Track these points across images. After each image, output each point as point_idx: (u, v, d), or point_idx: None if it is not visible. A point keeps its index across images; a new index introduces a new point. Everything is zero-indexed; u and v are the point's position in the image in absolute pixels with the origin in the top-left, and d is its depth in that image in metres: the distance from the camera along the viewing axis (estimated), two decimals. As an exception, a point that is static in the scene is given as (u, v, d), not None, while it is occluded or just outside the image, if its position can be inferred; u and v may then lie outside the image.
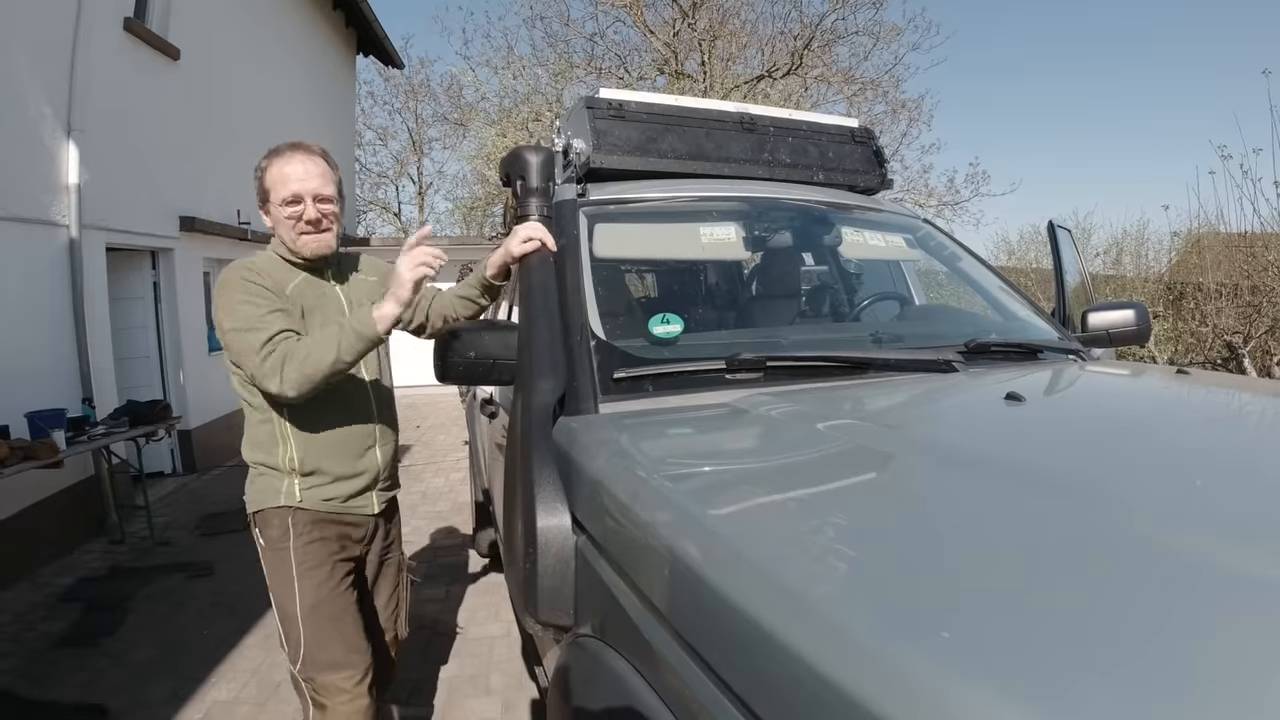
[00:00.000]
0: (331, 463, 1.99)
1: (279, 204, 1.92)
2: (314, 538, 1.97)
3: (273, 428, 1.95)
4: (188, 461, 7.03)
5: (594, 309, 1.83)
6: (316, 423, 1.96)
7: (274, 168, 1.93)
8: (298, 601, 1.93)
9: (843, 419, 1.44)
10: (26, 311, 4.90)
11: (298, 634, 1.93)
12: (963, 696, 0.61)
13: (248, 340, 1.79)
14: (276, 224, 1.96)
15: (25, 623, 3.87)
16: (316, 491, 1.97)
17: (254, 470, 2.00)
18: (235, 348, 1.83)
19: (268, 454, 1.96)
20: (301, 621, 1.92)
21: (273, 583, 1.98)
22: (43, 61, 5.04)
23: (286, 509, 1.95)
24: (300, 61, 10.11)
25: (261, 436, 1.96)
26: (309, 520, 1.97)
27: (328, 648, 1.93)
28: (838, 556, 0.87)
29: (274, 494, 1.95)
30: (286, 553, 1.94)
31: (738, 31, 13.73)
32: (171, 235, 6.76)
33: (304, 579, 1.94)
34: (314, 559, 1.96)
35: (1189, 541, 0.83)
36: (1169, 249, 9.53)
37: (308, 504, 1.96)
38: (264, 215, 1.99)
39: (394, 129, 23.75)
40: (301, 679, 1.95)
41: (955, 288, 2.72)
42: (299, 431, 1.95)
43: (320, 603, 1.94)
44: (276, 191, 1.92)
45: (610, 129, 2.30)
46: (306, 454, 1.96)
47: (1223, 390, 1.88)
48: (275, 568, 1.97)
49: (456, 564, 4.59)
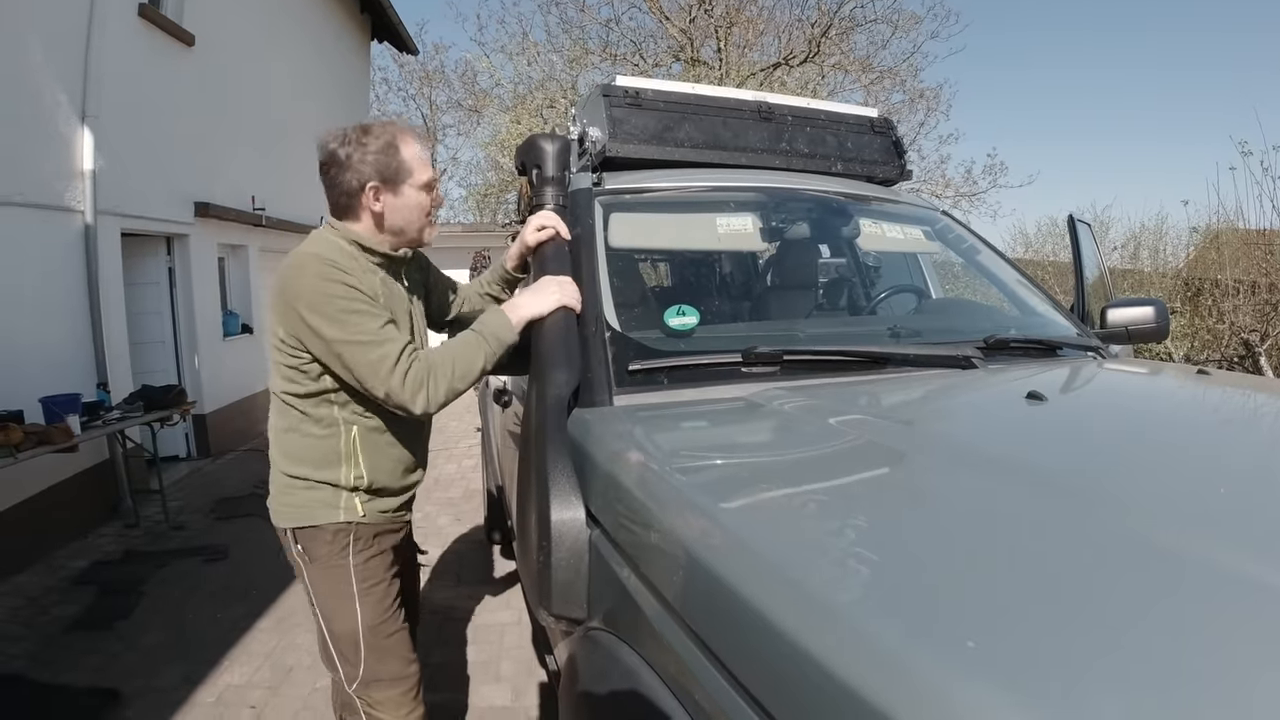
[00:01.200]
0: (394, 480, 1.87)
1: (418, 187, 1.77)
2: (374, 552, 1.84)
3: (336, 444, 1.77)
4: (202, 446, 7.07)
5: (609, 300, 1.82)
6: (387, 443, 1.83)
7: (409, 147, 1.76)
8: (360, 620, 1.79)
9: (859, 415, 1.43)
10: (42, 297, 4.93)
11: (358, 653, 1.80)
12: (969, 697, 0.61)
13: (372, 356, 1.61)
14: (403, 208, 1.77)
15: (39, 606, 3.91)
16: (376, 504, 1.84)
17: (298, 483, 1.79)
18: (354, 362, 1.61)
19: (321, 470, 1.78)
20: (363, 640, 1.80)
21: (325, 600, 1.82)
22: (57, 48, 5.05)
23: (345, 525, 1.79)
24: (315, 48, 10.10)
25: (318, 453, 1.77)
26: (370, 534, 1.83)
27: (389, 663, 1.83)
28: (849, 553, 0.87)
29: (329, 509, 1.78)
30: (345, 570, 1.80)
31: (754, 18, 13.64)
32: (186, 221, 6.78)
33: (365, 596, 1.80)
34: (374, 575, 1.83)
35: (1206, 546, 0.82)
36: (1187, 244, 9.43)
37: (370, 518, 1.83)
38: (373, 197, 1.74)
39: (408, 115, 23.73)
40: (359, 698, 1.83)
41: (972, 281, 2.69)
42: (369, 452, 1.80)
43: (383, 620, 1.83)
44: (419, 173, 1.77)
45: (626, 117, 2.28)
46: (375, 474, 1.81)
47: (1243, 392, 1.86)
48: (330, 584, 1.81)
49: (468, 551, 4.61)
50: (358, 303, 1.64)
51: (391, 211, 1.76)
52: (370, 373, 1.61)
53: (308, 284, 1.63)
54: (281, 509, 1.82)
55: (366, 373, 1.62)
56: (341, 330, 1.61)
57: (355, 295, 1.64)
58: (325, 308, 1.61)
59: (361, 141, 1.72)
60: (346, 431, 1.77)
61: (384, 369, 1.60)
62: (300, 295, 1.63)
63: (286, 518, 1.81)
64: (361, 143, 1.72)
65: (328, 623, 1.82)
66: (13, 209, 4.66)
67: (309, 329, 1.63)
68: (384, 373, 1.61)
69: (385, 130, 1.75)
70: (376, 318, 1.64)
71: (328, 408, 1.75)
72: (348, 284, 1.64)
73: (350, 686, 1.81)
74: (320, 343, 1.63)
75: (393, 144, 1.73)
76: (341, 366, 1.64)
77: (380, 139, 1.73)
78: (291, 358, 1.70)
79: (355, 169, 1.72)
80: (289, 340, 1.68)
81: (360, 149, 1.71)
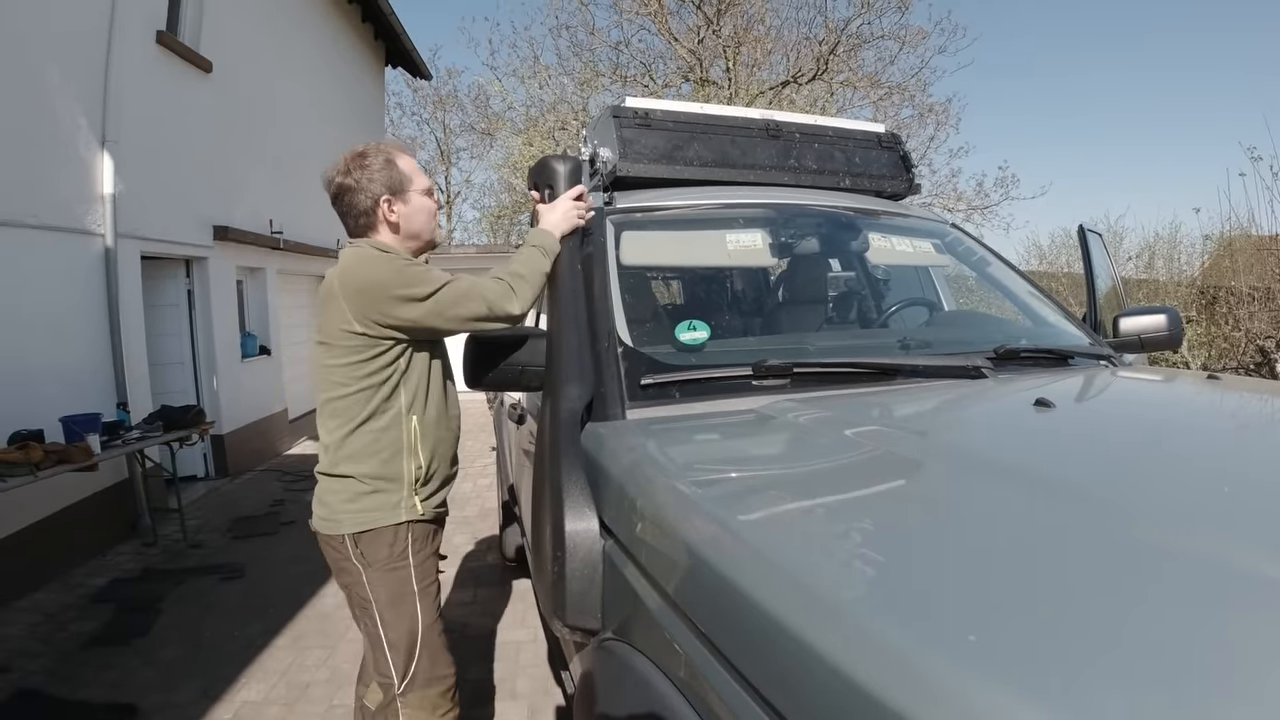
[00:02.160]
0: (443, 469, 1.99)
1: (421, 192, 1.96)
2: (429, 551, 1.93)
3: (399, 435, 1.87)
4: (220, 466, 7.13)
5: (621, 316, 1.84)
6: (439, 426, 1.96)
7: (403, 159, 1.96)
8: (420, 620, 1.87)
9: (871, 425, 1.44)
10: (63, 318, 5.01)
11: (413, 654, 1.87)
12: (984, 699, 0.61)
13: (462, 288, 1.82)
14: (413, 214, 1.95)
15: (57, 623, 3.94)
16: (431, 499, 1.94)
17: (362, 485, 1.85)
18: (450, 298, 1.80)
19: (386, 465, 1.86)
20: (421, 639, 1.88)
21: (386, 604, 1.87)
22: (77, 74, 5.16)
23: (405, 525, 1.87)
24: (330, 73, 10.25)
25: (381, 445, 1.86)
26: (422, 533, 1.92)
27: (439, 663, 1.92)
28: (866, 562, 0.86)
29: (391, 510, 1.86)
30: (406, 570, 1.87)
31: (762, 37, 13.71)
32: (205, 244, 6.88)
33: (424, 596, 1.89)
34: (430, 574, 1.92)
35: (1216, 549, 0.83)
36: (1201, 253, 9.39)
37: (427, 514, 1.92)
38: (387, 206, 1.91)
39: (422, 139, 24.04)
40: (402, 702, 1.88)
41: (985, 293, 2.70)
42: (426, 438, 1.91)
43: (436, 619, 1.93)
44: (419, 180, 1.97)
45: (636, 137, 2.31)
46: (431, 461, 1.92)
47: (1255, 396, 1.85)
48: (392, 588, 1.86)
49: (483, 568, 4.61)
50: (426, 268, 1.87)
51: (406, 218, 1.94)
52: (465, 299, 1.81)
53: (382, 269, 1.82)
54: (339, 516, 1.87)
55: (464, 299, 1.81)
56: (428, 286, 1.79)
57: (417, 263, 1.89)
58: (407, 277, 1.80)
59: (362, 165, 1.90)
60: (408, 422, 1.88)
61: (475, 291, 1.81)
62: (381, 279, 1.80)
63: (347, 524, 1.86)
64: (363, 165, 1.90)
65: (386, 626, 1.87)
66: (35, 232, 4.75)
67: (401, 300, 1.78)
68: (477, 293, 1.81)
69: (378, 150, 1.95)
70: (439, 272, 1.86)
71: (395, 399, 1.87)
72: (411, 261, 1.89)
73: (399, 689, 1.87)
74: (413, 306, 1.79)
75: (390, 160, 1.93)
76: (440, 315, 1.81)
77: (378, 157, 1.92)
78: (370, 347, 1.82)
79: (365, 189, 1.89)
80: (368, 331, 1.80)
81: (364, 170, 1.90)
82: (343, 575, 1.92)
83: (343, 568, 1.90)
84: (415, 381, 1.89)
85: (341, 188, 1.91)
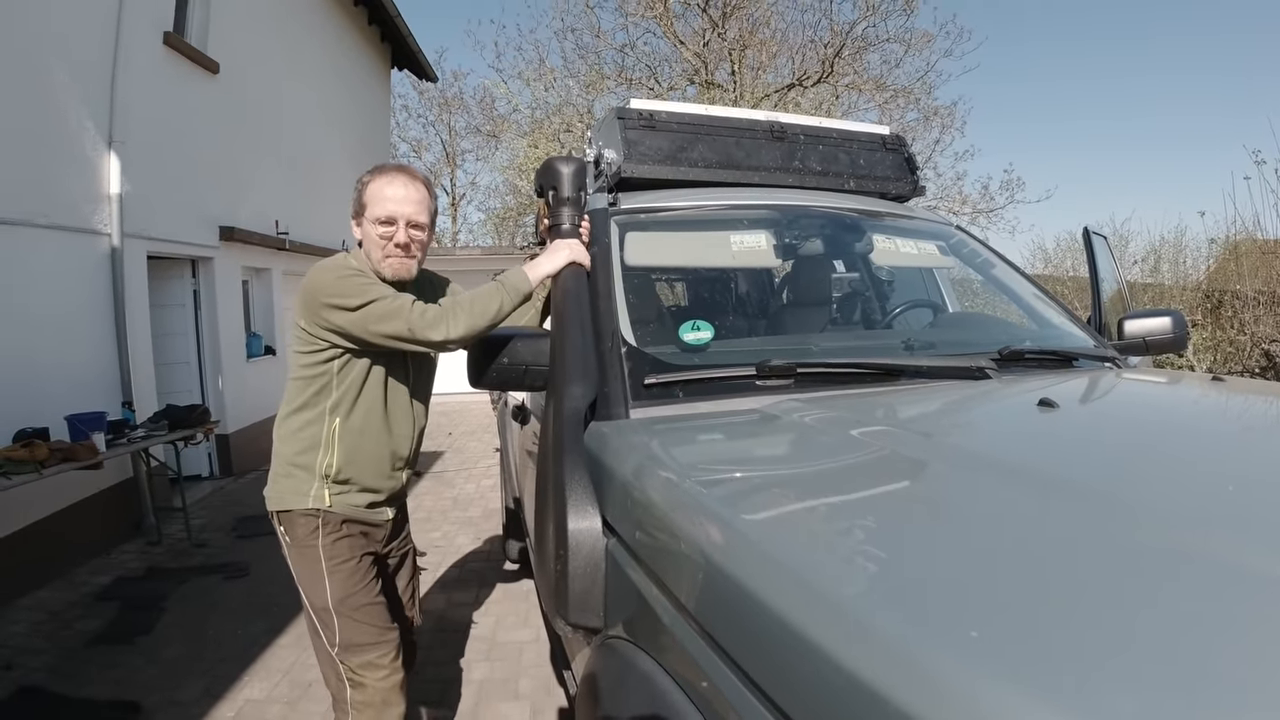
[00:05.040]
0: (365, 477, 2.05)
1: (373, 221, 1.96)
2: (341, 535, 2.02)
3: (320, 431, 1.99)
4: (225, 465, 7.15)
5: (625, 316, 1.85)
6: (363, 438, 2.03)
7: (375, 184, 1.97)
8: (329, 594, 1.98)
9: (876, 425, 1.44)
10: (70, 317, 5.03)
11: (332, 621, 1.99)
12: (990, 696, 0.61)
13: (392, 305, 1.83)
14: (366, 239, 1.99)
15: (61, 621, 3.95)
16: (344, 498, 2.03)
17: (282, 466, 2.03)
18: (376, 314, 1.83)
19: (303, 455, 2.00)
20: (334, 611, 1.98)
21: (301, 577, 2.04)
22: (84, 75, 5.19)
23: (315, 511, 2.00)
24: (336, 75, 10.27)
25: (302, 436, 2.00)
26: (337, 520, 2.02)
27: (362, 631, 2.00)
28: (870, 560, 0.86)
29: (301, 496, 2.00)
30: (315, 550, 2.00)
31: (768, 40, 13.74)
32: (211, 244, 6.90)
33: (333, 574, 2.00)
34: (342, 554, 2.01)
35: (1220, 548, 0.82)
36: (1206, 256, 9.35)
37: (336, 508, 2.01)
38: (354, 227, 2.02)
39: (428, 141, 24.24)
40: (339, 661, 2.00)
41: (989, 295, 2.69)
42: (344, 443, 2.00)
43: (350, 594, 2.00)
44: (373, 208, 1.96)
45: (641, 139, 2.32)
46: (345, 465, 2.01)
47: (1260, 397, 1.84)
48: (304, 564, 2.02)
49: (487, 569, 4.62)
50: (372, 281, 1.91)
51: (364, 240, 2.01)
52: (389, 318, 1.83)
53: (326, 276, 1.89)
54: (269, 493, 2.06)
55: (387, 318, 1.83)
56: (359, 299, 1.84)
57: (370, 279, 1.92)
58: (343, 287, 1.86)
59: (360, 179, 2.02)
60: (329, 422, 1.99)
61: (400, 311, 1.83)
62: (324, 286, 1.88)
63: (272, 501, 2.04)
64: (360, 180, 2.02)
65: (306, 597, 2.04)
66: (42, 231, 4.77)
67: (335, 309, 1.86)
68: (401, 313, 1.82)
69: (378, 170, 2.02)
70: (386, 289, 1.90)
71: (325, 397, 1.98)
72: (362, 274, 1.93)
73: (333, 650, 2.01)
74: (345, 315, 1.85)
75: (364, 181, 2.00)
76: (364, 329, 1.85)
77: (363, 178, 2.01)
78: (310, 343, 1.95)
79: (353, 201, 2.02)
80: (310, 329, 1.93)
81: (357, 185, 2.01)
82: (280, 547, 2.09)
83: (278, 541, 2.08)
84: (346, 386, 1.98)
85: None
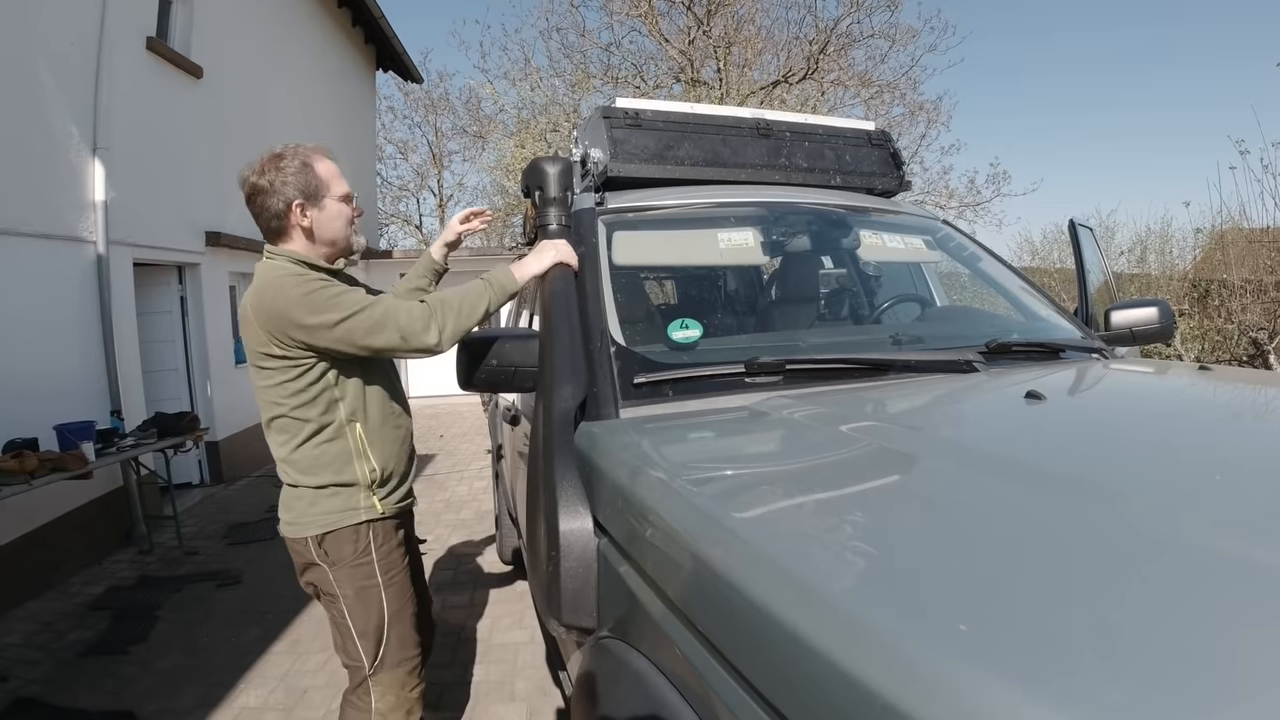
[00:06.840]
0: (400, 465, 2.02)
1: (337, 199, 1.92)
2: (392, 544, 1.98)
3: (346, 444, 1.90)
4: (215, 472, 7.12)
5: (614, 315, 1.85)
6: (386, 429, 1.98)
7: (322, 164, 1.91)
8: (385, 610, 1.93)
9: (864, 420, 1.44)
10: (56, 326, 5.00)
11: (380, 640, 1.93)
12: (982, 691, 0.61)
13: (375, 315, 1.76)
14: (328, 220, 1.91)
15: (54, 631, 3.93)
16: (391, 497, 1.99)
17: (321, 492, 1.90)
18: (363, 327, 1.75)
19: (339, 473, 1.90)
20: (388, 627, 1.94)
21: (351, 598, 1.92)
22: (67, 82, 5.16)
23: (365, 524, 1.92)
24: (321, 78, 10.24)
25: (329, 457, 1.89)
26: (385, 528, 1.97)
27: (407, 645, 1.98)
28: (862, 556, 0.87)
29: (351, 513, 1.91)
30: (369, 566, 1.93)
31: (753, 38, 13.72)
32: (197, 250, 6.86)
33: (389, 587, 1.95)
34: (394, 565, 1.97)
35: (1210, 538, 0.83)
36: (1193, 246, 9.42)
37: (387, 512, 1.97)
38: (300, 213, 1.88)
39: (414, 143, 24.26)
40: (373, 682, 1.95)
41: (977, 288, 2.71)
42: (375, 442, 1.95)
43: (403, 606, 1.97)
44: (335, 186, 1.92)
45: (627, 138, 2.32)
46: (385, 462, 1.96)
47: (1246, 386, 1.86)
48: (356, 582, 1.92)
49: (481, 571, 4.61)
50: (337, 288, 1.81)
51: (320, 225, 1.91)
52: (380, 327, 1.76)
53: (293, 295, 1.76)
54: (302, 520, 1.91)
55: (377, 329, 1.76)
56: (339, 311, 1.75)
57: (332, 283, 1.83)
58: (316, 302, 1.76)
59: (278, 166, 1.87)
60: (352, 430, 1.91)
61: (390, 318, 1.76)
62: (291, 306, 1.76)
63: (310, 527, 1.90)
64: (278, 168, 1.87)
65: (353, 618, 1.93)
66: (26, 240, 4.74)
67: (313, 328, 1.76)
68: (392, 321, 1.76)
69: (296, 153, 1.91)
70: (357, 294, 1.82)
71: (333, 412, 1.89)
72: (321, 279, 1.83)
73: (369, 671, 1.94)
74: (327, 332, 1.76)
75: (306, 163, 1.89)
76: (351, 343, 1.77)
77: (294, 160, 1.89)
78: (294, 368, 1.82)
79: (279, 192, 1.87)
80: (288, 354, 1.81)
81: (279, 173, 1.87)
82: (308, 573, 1.97)
83: (308, 566, 1.95)
84: (353, 391, 1.91)
85: (255, 188, 1.89)
